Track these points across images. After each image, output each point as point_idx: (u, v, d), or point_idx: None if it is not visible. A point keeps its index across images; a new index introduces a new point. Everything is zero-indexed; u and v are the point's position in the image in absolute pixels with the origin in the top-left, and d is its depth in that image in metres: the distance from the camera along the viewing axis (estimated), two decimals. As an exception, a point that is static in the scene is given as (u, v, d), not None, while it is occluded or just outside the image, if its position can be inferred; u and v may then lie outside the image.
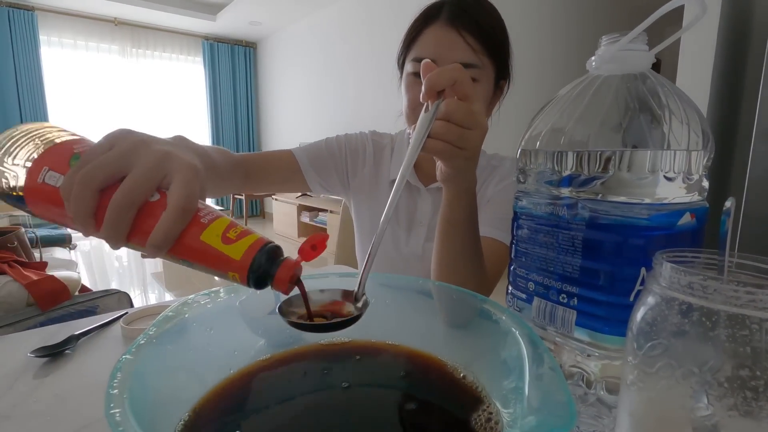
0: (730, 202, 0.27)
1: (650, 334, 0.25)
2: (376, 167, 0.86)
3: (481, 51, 0.66)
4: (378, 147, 0.87)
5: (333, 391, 0.36)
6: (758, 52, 1.02)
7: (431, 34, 0.67)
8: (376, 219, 0.85)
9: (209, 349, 0.35)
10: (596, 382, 0.35)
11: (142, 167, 0.28)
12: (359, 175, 0.86)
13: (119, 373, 0.23)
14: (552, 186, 0.36)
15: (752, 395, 0.22)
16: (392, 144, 0.87)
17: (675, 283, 0.24)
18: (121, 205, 0.27)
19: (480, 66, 0.66)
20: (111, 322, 0.61)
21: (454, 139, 0.44)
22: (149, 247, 0.28)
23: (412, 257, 0.82)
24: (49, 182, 0.29)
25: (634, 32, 0.34)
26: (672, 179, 0.32)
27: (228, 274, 0.29)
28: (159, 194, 0.29)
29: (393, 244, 0.84)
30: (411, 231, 0.83)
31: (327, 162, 0.84)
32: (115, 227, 0.27)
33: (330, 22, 4.30)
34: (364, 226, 0.88)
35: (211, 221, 0.29)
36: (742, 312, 0.21)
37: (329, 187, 0.86)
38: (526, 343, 0.29)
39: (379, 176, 0.85)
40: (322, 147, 0.85)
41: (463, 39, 0.65)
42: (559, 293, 0.36)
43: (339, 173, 0.86)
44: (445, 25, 0.65)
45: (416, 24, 0.69)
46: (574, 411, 0.23)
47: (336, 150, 0.85)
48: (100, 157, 0.29)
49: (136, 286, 3.14)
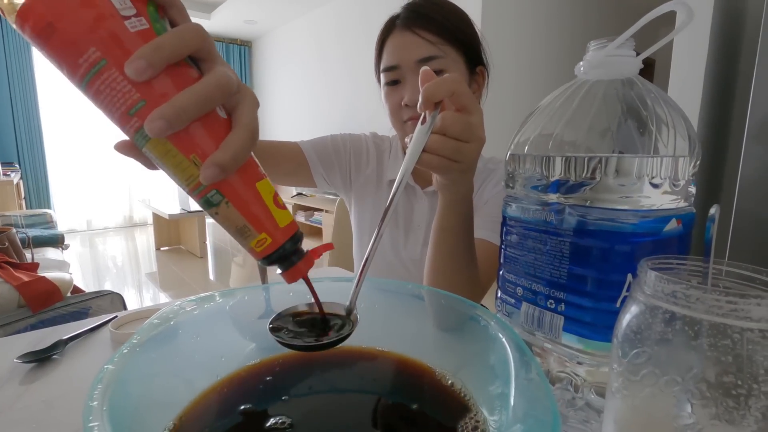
0: (715, 209, 0.27)
1: (635, 342, 0.25)
2: (378, 168, 0.86)
3: (440, 42, 0.67)
4: (379, 149, 0.88)
5: (320, 397, 0.35)
6: (750, 54, 1.03)
7: (391, 43, 0.70)
8: (376, 220, 0.84)
9: (196, 355, 0.35)
10: (584, 386, 0.35)
11: (227, 70, 0.25)
12: (362, 175, 0.86)
13: (100, 385, 0.23)
14: (540, 191, 0.36)
15: (734, 404, 0.22)
16: (390, 147, 0.87)
17: (659, 291, 0.24)
18: (200, 94, 0.23)
19: (442, 55, 0.67)
20: (100, 326, 0.60)
21: (449, 154, 0.42)
22: (211, 166, 0.24)
23: (410, 262, 0.82)
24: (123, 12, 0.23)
25: (621, 38, 0.34)
26: (658, 185, 0.32)
27: (258, 235, 0.27)
28: (224, 113, 0.26)
29: (392, 247, 0.84)
30: (408, 234, 0.83)
31: (332, 158, 0.85)
32: (177, 116, 0.22)
33: (325, 21, 4.29)
34: (364, 226, 0.88)
35: (263, 176, 0.27)
36: (724, 321, 0.22)
37: (332, 183, 0.87)
38: (513, 349, 0.29)
39: (380, 178, 0.86)
40: (327, 143, 0.86)
41: (420, 37, 0.67)
42: (547, 299, 0.36)
43: (342, 171, 0.86)
44: (402, 30, 0.69)
45: (379, 40, 0.74)
46: (558, 418, 0.23)
47: (341, 147, 0.86)
48: (193, 32, 0.25)
49: (129, 286, 3.12)
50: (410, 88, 0.68)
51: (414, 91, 0.67)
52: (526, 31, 2.97)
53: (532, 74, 3.03)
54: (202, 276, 3.39)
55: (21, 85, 4.31)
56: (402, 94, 0.69)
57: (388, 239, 0.83)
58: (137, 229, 5.09)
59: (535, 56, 3.05)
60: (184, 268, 3.55)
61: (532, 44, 3.02)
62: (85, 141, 4.85)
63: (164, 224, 4.06)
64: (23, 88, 4.33)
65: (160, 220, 3.99)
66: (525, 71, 2.98)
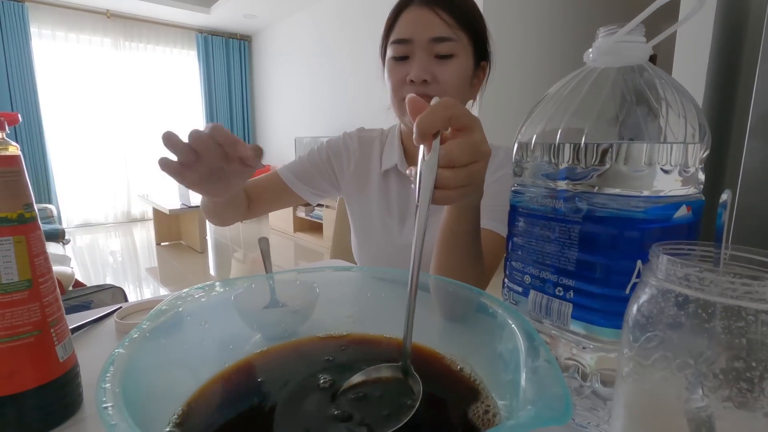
0: (727, 195, 0.27)
1: (646, 326, 0.25)
2: (364, 162, 0.87)
3: (456, 26, 0.68)
4: (365, 141, 0.88)
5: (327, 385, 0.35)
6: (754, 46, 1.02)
7: (406, 17, 0.70)
8: (366, 213, 0.86)
9: (203, 342, 0.35)
10: (592, 374, 0.35)
11: None
12: (345, 174, 0.88)
13: (112, 367, 0.23)
14: (548, 179, 0.36)
15: (747, 387, 0.22)
16: (383, 137, 0.88)
17: (671, 275, 0.24)
18: None
19: (456, 39, 0.67)
20: (105, 317, 0.60)
21: (463, 183, 0.38)
22: None
23: (407, 248, 0.82)
24: None
25: (631, 24, 0.33)
26: (668, 172, 0.32)
27: None
28: None
29: (386, 236, 0.85)
30: (405, 222, 0.83)
31: (311, 171, 0.88)
32: None
33: (325, 15, 4.26)
34: (356, 221, 0.90)
35: None
36: (738, 303, 0.21)
37: (322, 193, 0.90)
38: (523, 335, 0.29)
39: (369, 169, 0.86)
40: (304, 159, 0.89)
41: (437, 15, 0.67)
42: (555, 286, 0.36)
43: (326, 178, 0.89)
44: (420, 6, 0.68)
45: (393, 12, 0.73)
46: (569, 403, 0.22)
47: (317, 158, 0.89)
48: None
49: (130, 281, 3.13)
50: (418, 64, 0.68)
51: (421, 68, 0.67)
52: (532, 18, 2.96)
53: (539, 62, 3.02)
54: (202, 271, 3.39)
55: (20, 80, 4.29)
56: (407, 70, 0.69)
57: (381, 229, 0.85)
58: (137, 224, 5.09)
59: (542, 44, 3.04)
60: (184, 263, 3.55)
61: (538, 32, 3.01)
62: (85, 136, 4.83)
63: (164, 219, 4.05)
64: (23, 84, 4.31)
65: (160, 215, 3.99)
66: (531, 59, 2.97)
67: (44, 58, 4.48)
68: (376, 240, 0.85)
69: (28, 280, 0.36)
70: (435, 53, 0.67)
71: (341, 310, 0.44)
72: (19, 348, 0.35)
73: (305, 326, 0.43)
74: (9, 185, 0.35)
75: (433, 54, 0.68)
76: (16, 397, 0.35)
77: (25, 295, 0.35)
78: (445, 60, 0.68)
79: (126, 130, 5.05)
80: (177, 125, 5.30)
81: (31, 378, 0.36)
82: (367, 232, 0.87)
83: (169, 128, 0.50)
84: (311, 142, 4.27)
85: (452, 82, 0.68)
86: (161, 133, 0.47)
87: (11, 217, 0.35)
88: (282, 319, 0.43)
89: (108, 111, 4.92)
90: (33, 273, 0.36)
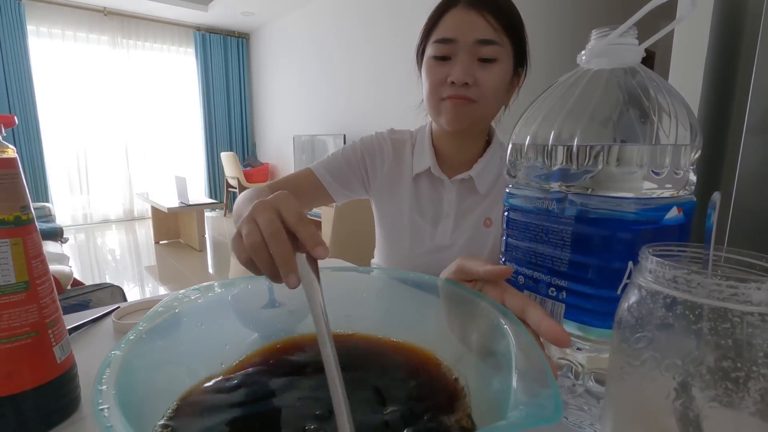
0: (716, 196, 0.27)
1: (636, 327, 0.25)
2: (396, 164, 0.86)
3: (500, 30, 0.68)
4: (397, 144, 0.87)
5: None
6: (750, 46, 1.02)
7: (452, 17, 0.69)
8: (397, 216, 0.85)
9: (200, 343, 0.35)
10: (584, 373, 0.35)
11: None
12: (379, 175, 0.87)
13: (108, 369, 0.23)
14: (542, 180, 0.36)
15: (733, 386, 0.22)
16: (412, 140, 0.87)
17: (660, 276, 0.24)
18: None
19: (500, 43, 0.68)
20: (103, 317, 0.61)
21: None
22: None
23: (437, 249, 0.82)
24: None
25: (624, 26, 0.34)
26: (660, 173, 0.32)
27: None
28: None
29: (418, 239, 0.84)
30: (438, 223, 0.83)
31: (346, 172, 0.86)
32: None
33: (323, 12, 4.25)
34: (386, 223, 0.88)
35: None
36: (725, 305, 0.22)
37: (352, 194, 0.88)
38: (515, 335, 0.29)
39: (401, 172, 0.86)
40: (339, 158, 0.87)
41: (484, 18, 0.67)
42: (548, 287, 0.36)
43: (358, 178, 0.88)
44: (466, 8, 0.68)
45: (437, 11, 0.72)
46: (560, 404, 0.23)
47: (352, 157, 0.87)
48: None
49: (129, 280, 3.13)
50: (461, 66, 0.67)
51: (463, 70, 0.67)
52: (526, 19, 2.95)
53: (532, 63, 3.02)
54: (201, 269, 3.39)
55: (17, 78, 4.28)
56: (448, 71, 0.69)
57: (409, 234, 0.84)
58: (135, 223, 5.09)
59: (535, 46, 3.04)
60: (183, 261, 3.55)
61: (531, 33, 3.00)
62: (82, 134, 4.82)
63: (163, 218, 4.05)
64: (19, 82, 4.30)
65: (158, 214, 3.99)
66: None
67: (41, 55, 4.46)
68: (407, 242, 0.84)
69: (26, 282, 0.36)
70: (478, 56, 0.67)
71: (339, 309, 0.45)
72: (17, 349, 0.35)
73: (301, 325, 0.44)
74: (5, 187, 0.35)
75: (476, 56, 0.68)
76: (14, 398, 0.35)
77: (23, 297, 0.35)
78: (488, 64, 0.68)
79: (123, 127, 5.04)
80: (175, 123, 5.30)
81: (29, 379, 0.36)
82: (397, 235, 0.86)
83: (166, 126, 0.49)
84: (309, 141, 4.27)
85: (492, 86, 0.69)
86: (158, 130, 0.46)
87: (8, 220, 0.35)
88: (278, 319, 0.44)
89: (105, 109, 4.91)
90: (30, 275, 0.36)
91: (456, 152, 0.80)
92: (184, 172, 4.87)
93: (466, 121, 0.71)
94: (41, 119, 4.47)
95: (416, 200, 0.84)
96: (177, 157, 5.41)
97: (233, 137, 5.76)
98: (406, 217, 0.84)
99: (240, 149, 5.80)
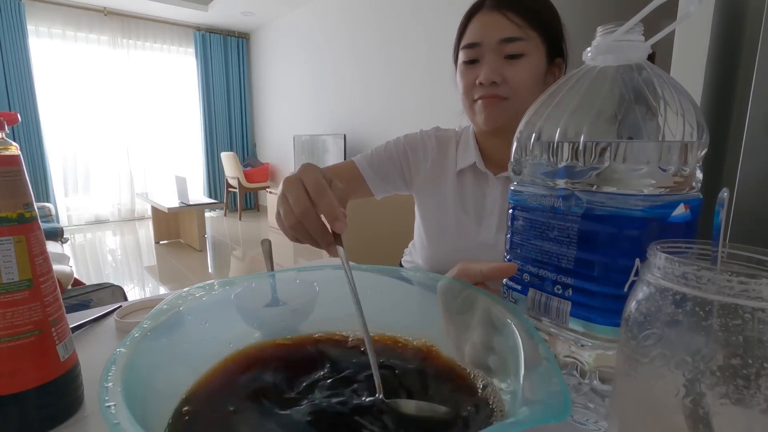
0: (725, 193, 0.27)
1: (644, 324, 0.25)
2: (440, 160, 0.87)
3: (525, 25, 0.68)
4: (442, 141, 0.88)
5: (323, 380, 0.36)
6: (752, 45, 1.02)
7: (476, 22, 0.72)
8: (441, 212, 0.85)
9: (204, 341, 0.35)
10: (590, 371, 0.35)
11: None
12: (422, 171, 0.88)
13: (114, 367, 0.23)
14: (547, 177, 0.36)
15: (744, 383, 0.22)
16: (457, 137, 0.88)
17: (669, 273, 0.24)
18: None
19: (524, 38, 0.68)
20: (105, 316, 0.61)
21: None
22: None
23: (481, 247, 0.81)
24: None
25: (630, 23, 0.34)
26: (666, 170, 0.32)
27: None
28: None
29: (463, 235, 0.84)
30: (482, 220, 0.82)
31: (387, 166, 0.88)
32: None
33: (324, 12, 4.25)
34: (429, 219, 0.88)
35: None
36: (736, 302, 0.22)
37: (392, 189, 0.90)
38: (522, 333, 0.29)
39: (445, 168, 0.86)
40: (381, 152, 0.89)
41: (506, 17, 0.68)
42: (554, 284, 0.36)
43: (400, 173, 0.89)
44: (489, 10, 0.70)
45: (464, 18, 0.74)
46: (568, 401, 0.23)
47: (394, 151, 0.88)
48: None
49: (129, 279, 3.12)
50: (487, 67, 0.69)
51: (490, 70, 0.68)
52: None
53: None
54: (201, 269, 3.39)
55: (18, 78, 4.27)
56: (477, 74, 0.70)
57: (455, 228, 0.84)
58: (136, 223, 5.08)
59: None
60: (183, 261, 3.55)
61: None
62: (83, 134, 4.82)
63: (163, 218, 4.05)
64: (20, 82, 4.29)
65: (158, 214, 3.98)
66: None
67: (41, 55, 4.46)
68: (452, 239, 0.84)
69: (29, 279, 0.36)
70: (505, 54, 0.68)
71: (341, 308, 0.44)
72: (20, 347, 0.35)
73: (305, 324, 0.43)
74: (9, 185, 0.35)
75: (502, 55, 0.69)
76: (17, 397, 0.35)
77: (26, 295, 0.35)
78: (515, 60, 0.69)
79: (123, 127, 5.04)
80: (175, 123, 5.30)
81: (32, 377, 0.36)
82: (441, 231, 0.86)
83: (166, 126, 0.51)
84: (309, 141, 4.26)
85: (522, 81, 0.69)
86: (158, 130, 0.48)
87: (11, 217, 0.35)
88: (282, 317, 0.44)
89: (105, 108, 4.91)
90: (33, 272, 0.36)
91: (499, 150, 0.80)
92: (185, 172, 4.87)
93: (501, 118, 0.72)
94: (42, 119, 4.47)
95: (460, 196, 0.84)
96: (177, 157, 5.41)
97: (233, 137, 5.76)
98: (451, 213, 0.84)
99: (240, 149, 5.80)
